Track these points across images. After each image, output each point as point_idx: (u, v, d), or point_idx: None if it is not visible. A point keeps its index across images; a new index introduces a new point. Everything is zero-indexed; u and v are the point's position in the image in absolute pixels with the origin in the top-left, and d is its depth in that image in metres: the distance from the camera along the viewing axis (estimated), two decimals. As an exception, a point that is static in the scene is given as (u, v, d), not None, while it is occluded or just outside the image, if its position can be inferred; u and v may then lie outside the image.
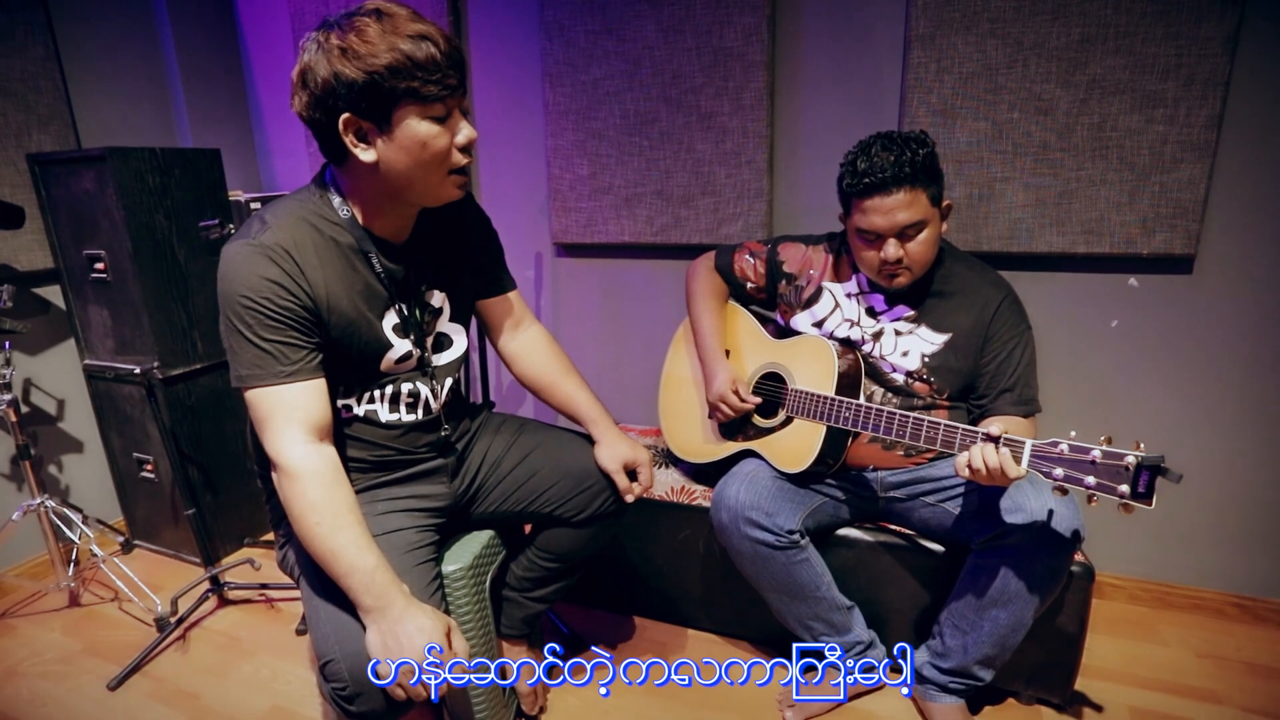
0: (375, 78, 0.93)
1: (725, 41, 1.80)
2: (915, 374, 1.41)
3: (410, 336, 1.16)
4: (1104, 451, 1.02)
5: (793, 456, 1.44)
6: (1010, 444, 1.11)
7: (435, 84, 0.96)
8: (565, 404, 1.37)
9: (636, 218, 2.04)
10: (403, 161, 1.00)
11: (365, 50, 0.93)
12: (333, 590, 0.99)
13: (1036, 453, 1.09)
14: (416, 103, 0.96)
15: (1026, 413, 1.36)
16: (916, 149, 1.26)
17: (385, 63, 0.93)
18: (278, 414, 1.00)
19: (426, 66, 0.95)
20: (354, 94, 0.94)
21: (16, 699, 1.65)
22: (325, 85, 0.95)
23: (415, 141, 0.98)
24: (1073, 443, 1.06)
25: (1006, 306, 1.38)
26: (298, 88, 0.99)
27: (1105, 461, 1.02)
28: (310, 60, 0.96)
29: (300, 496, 0.98)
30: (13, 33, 1.94)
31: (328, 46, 0.95)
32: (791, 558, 1.41)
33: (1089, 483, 1.03)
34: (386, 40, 0.93)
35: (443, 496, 1.25)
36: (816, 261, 1.53)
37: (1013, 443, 1.11)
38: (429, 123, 0.98)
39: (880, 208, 1.28)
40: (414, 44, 0.94)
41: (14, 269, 1.99)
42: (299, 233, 1.03)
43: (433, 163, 1.01)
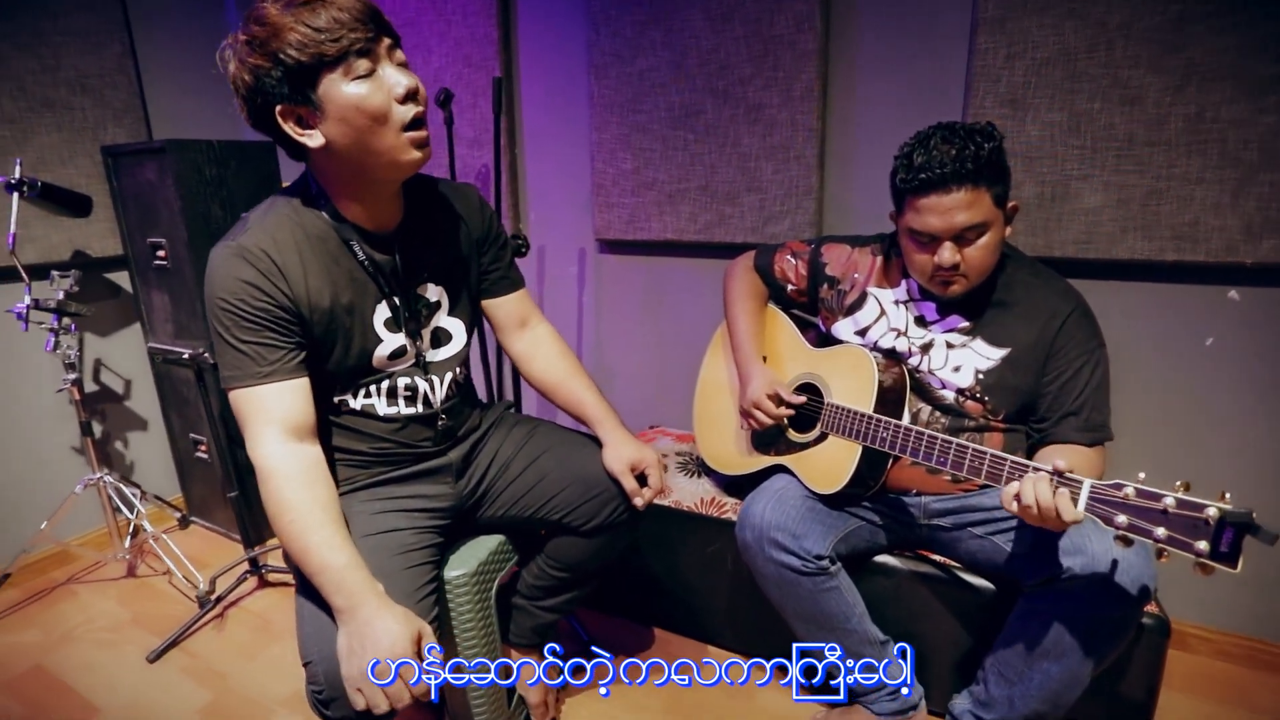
0: (284, 58, 0.90)
1: (775, 29, 1.70)
2: (967, 392, 1.28)
3: (404, 331, 1.13)
4: (1179, 500, 0.88)
5: (826, 476, 1.34)
6: (1066, 482, 0.98)
7: (342, 41, 0.90)
8: (572, 405, 1.32)
9: (679, 214, 1.96)
10: (346, 134, 0.95)
11: (266, 34, 0.90)
12: (315, 591, 0.97)
13: (1097, 495, 0.95)
14: (333, 68, 0.91)
15: (1093, 440, 1.20)
16: (982, 142, 1.13)
17: (288, 40, 0.89)
18: (256, 414, 0.98)
19: (328, 29, 0.90)
20: (275, 83, 0.91)
21: (67, 663, 1.74)
22: (249, 85, 0.93)
23: (348, 106, 0.93)
24: (1141, 486, 0.91)
25: (1075, 320, 1.23)
26: (236, 99, 0.96)
27: (1180, 512, 0.87)
28: (231, 68, 0.94)
29: (275, 495, 0.96)
30: (94, 32, 2.05)
31: (237, 46, 0.93)
32: (819, 585, 1.31)
33: (1158, 535, 0.89)
34: (283, 18, 0.90)
35: (447, 497, 1.22)
36: (862, 264, 1.41)
37: (1069, 481, 0.98)
38: (354, 82, 0.92)
39: (937, 207, 1.15)
40: (311, 12, 0.90)
41: (88, 254, 2.10)
42: (280, 231, 1.01)
43: (375, 125, 0.94)
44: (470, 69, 2.20)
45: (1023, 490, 1.00)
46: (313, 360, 1.05)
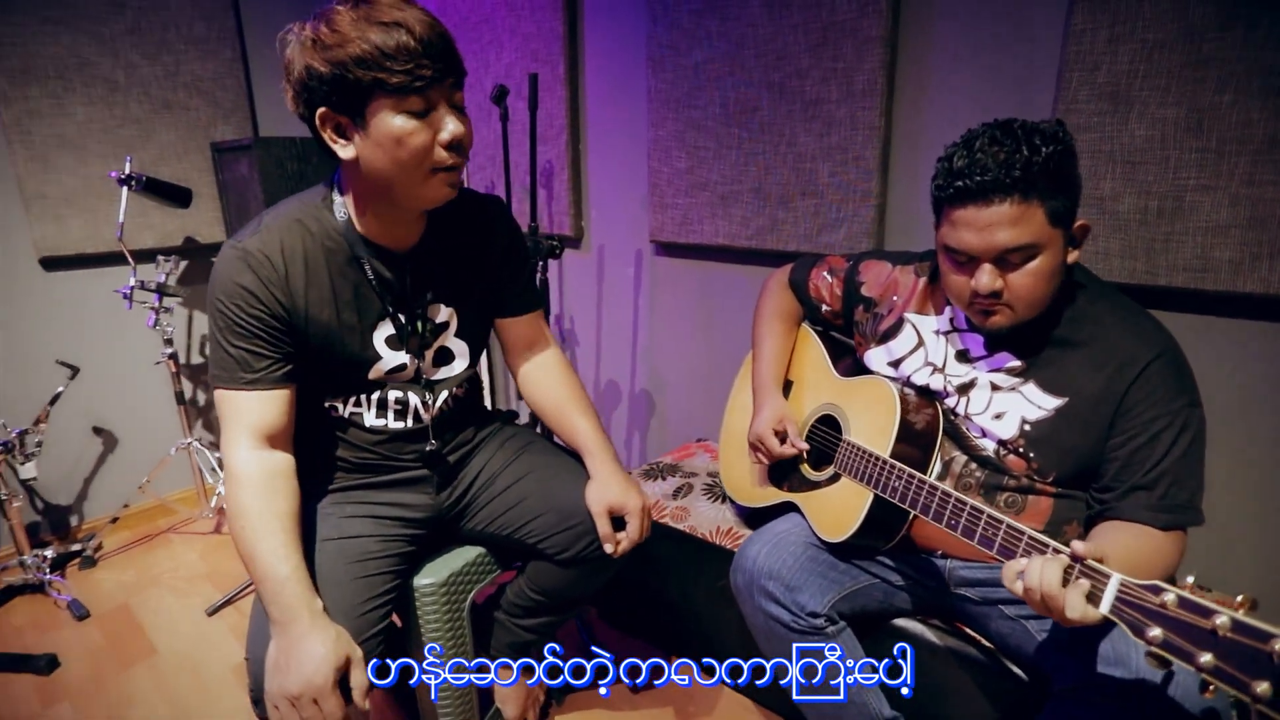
0: (342, 69, 0.88)
1: (837, 14, 1.52)
2: (1010, 444, 1.07)
3: (406, 349, 1.11)
4: (1235, 622, 0.66)
5: (834, 522, 1.18)
6: (1089, 573, 0.78)
7: (405, 74, 0.88)
8: (567, 433, 1.25)
9: (731, 218, 1.83)
10: (380, 159, 0.94)
11: (333, 40, 0.88)
12: None
13: (1127, 596, 0.74)
14: (388, 95, 0.89)
15: (1169, 524, 0.96)
16: (1039, 146, 0.92)
17: (352, 53, 0.87)
18: (232, 418, 1.00)
19: (395, 56, 0.87)
20: (326, 87, 0.90)
21: (145, 606, 1.95)
22: (300, 80, 0.92)
23: (390, 137, 0.91)
24: (1185, 595, 0.70)
25: (1158, 370, 0.98)
26: (285, 83, 0.97)
27: (1236, 637, 0.66)
28: (289, 54, 0.94)
29: (234, 499, 0.98)
30: (209, 39, 2.25)
31: (302, 38, 0.92)
32: (812, 644, 1.16)
33: (1202, 662, 0.68)
34: (356, 29, 0.88)
35: (426, 508, 1.20)
36: (903, 286, 1.23)
37: (1091, 572, 0.78)
38: (404, 117, 0.91)
39: (975, 221, 0.96)
40: (384, 32, 0.87)
41: (197, 240, 2.33)
42: (290, 236, 1.01)
43: (411, 161, 0.93)
44: (537, 64, 2.18)
45: (1029, 570, 0.81)
46: (306, 366, 1.05)
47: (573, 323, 2.45)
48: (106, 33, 2.04)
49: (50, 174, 2.01)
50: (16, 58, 1.92)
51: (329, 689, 0.89)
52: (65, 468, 2.19)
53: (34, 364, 2.05)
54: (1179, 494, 0.97)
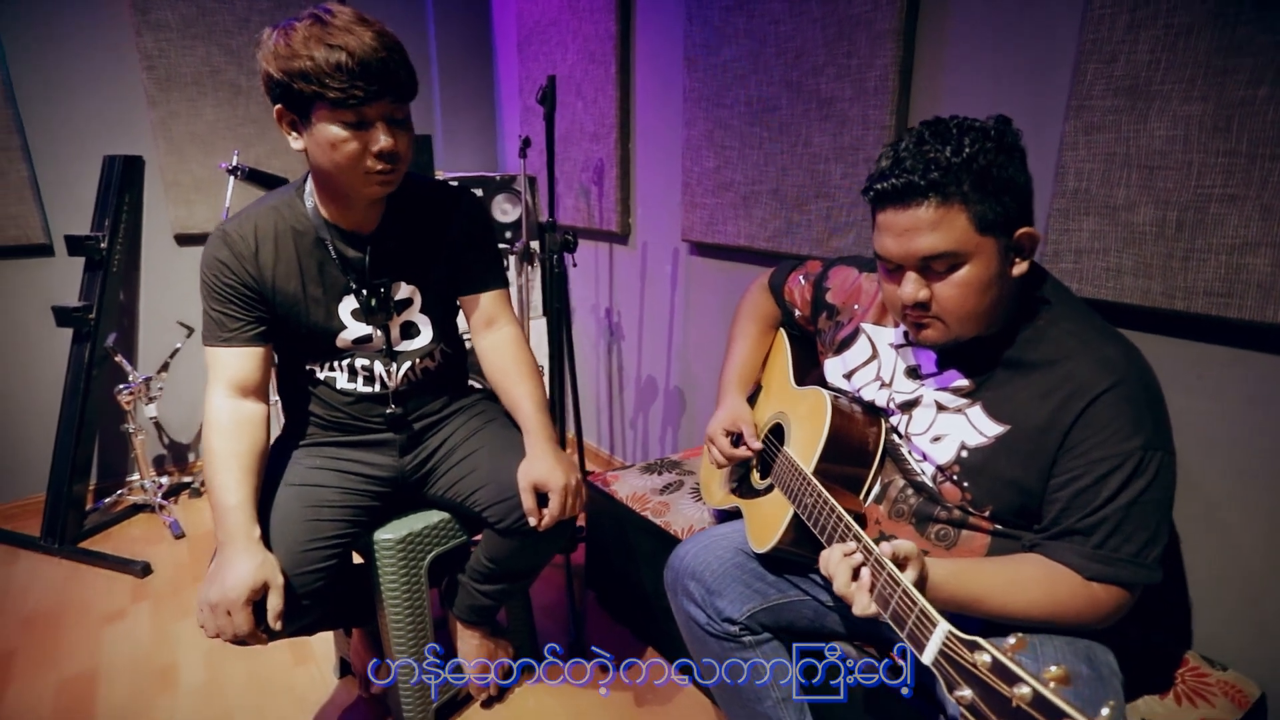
0: (289, 79, 1.00)
1: (853, 7, 1.45)
2: (946, 470, 0.99)
3: (369, 322, 1.23)
4: (1035, 696, 0.58)
5: (759, 533, 1.15)
6: (879, 571, 0.72)
7: (340, 90, 0.99)
8: (512, 410, 1.33)
9: (752, 219, 1.80)
10: (321, 157, 1.06)
11: (286, 53, 1.00)
12: None
13: (950, 649, 0.68)
14: (326, 106, 1.01)
15: (1099, 575, 0.85)
16: (966, 144, 0.84)
17: (297, 67, 0.99)
18: (213, 370, 1.17)
19: (333, 74, 0.98)
20: (279, 90, 1.03)
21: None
22: (263, 79, 1.06)
23: (326, 141, 1.03)
24: (999, 657, 0.63)
25: (1111, 403, 0.86)
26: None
27: (1031, 712, 0.58)
28: (259, 55, 1.08)
29: (206, 439, 1.15)
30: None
31: (267, 45, 1.05)
32: (727, 650, 1.14)
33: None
34: (305, 46, 0.99)
35: (389, 469, 1.32)
36: (865, 294, 1.16)
37: (905, 599, 0.71)
38: (339, 126, 1.02)
39: (893, 225, 0.90)
40: (328, 51, 0.98)
41: (301, 225, 2.66)
42: (264, 220, 1.17)
43: (345, 164, 1.05)
44: (593, 64, 2.26)
45: (830, 554, 0.78)
46: (280, 330, 1.21)
47: (619, 316, 2.51)
48: (234, 44, 2.39)
49: (184, 165, 2.39)
50: (163, 68, 2.30)
51: (240, 604, 1.03)
52: (184, 412, 2.59)
53: (164, 323, 2.45)
54: (1122, 545, 0.85)
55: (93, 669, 1.66)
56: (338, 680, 1.61)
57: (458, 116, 2.91)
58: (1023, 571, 0.87)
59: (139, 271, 2.43)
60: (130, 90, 2.31)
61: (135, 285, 2.44)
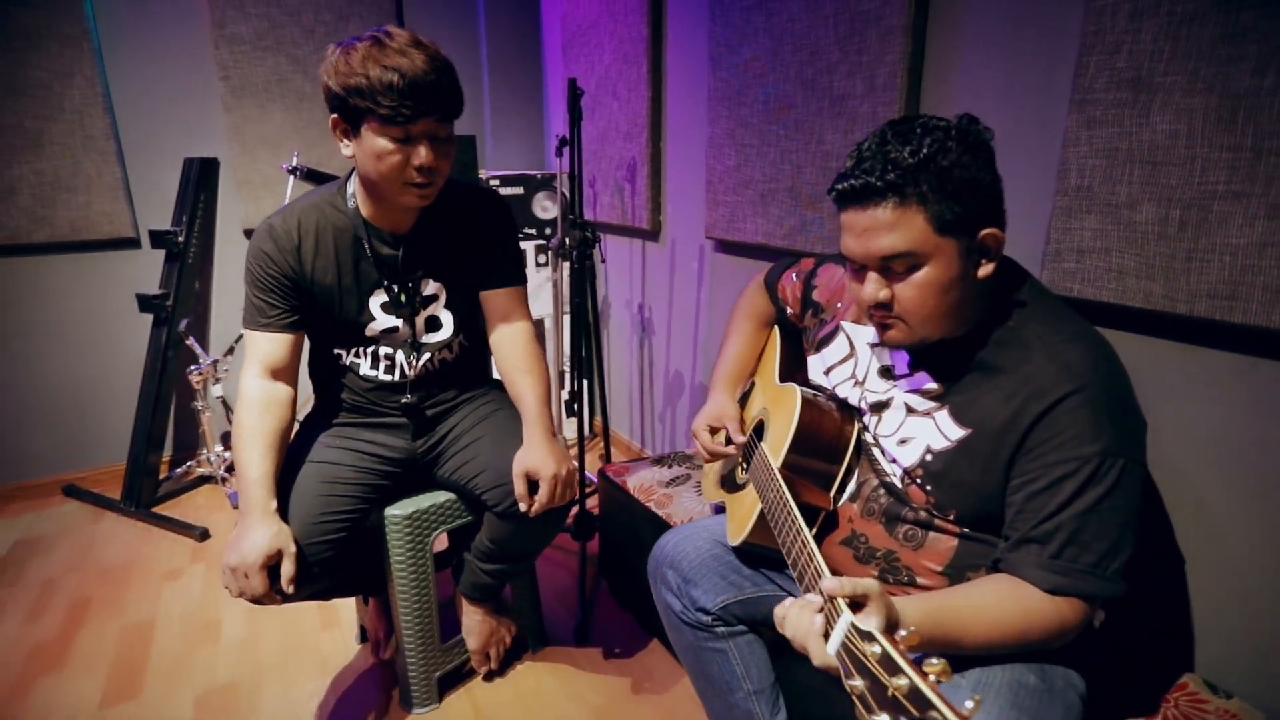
0: (344, 93, 1.10)
1: (865, 3, 1.43)
2: (911, 473, 0.98)
3: (397, 315, 1.33)
4: (911, 688, 0.59)
5: (733, 526, 1.17)
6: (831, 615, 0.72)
7: (390, 108, 1.08)
8: (516, 401, 1.40)
9: (769, 217, 1.80)
10: (366, 165, 1.16)
11: (345, 70, 1.10)
12: None
13: (851, 641, 0.68)
14: (375, 120, 1.11)
15: (1057, 587, 0.82)
16: (926, 144, 0.84)
17: (353, 84, 1.09)
18: (249, 351, 1.28)
19: (385, 93, 1.07)
20: (336, 101, 1.13)
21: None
22: (324, 90, 1.16)
23: (372, 152, 1.13)
24: (887, 648, 0.63)
25: (1072, 407, 0.84)
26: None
27: (905, 704, 0.59)
28: (321, 68, 1.19)
29: (237, 415, 1.27)
30: (378, 53, 2.71)
31: (329, 60, 1.14)
32: (700, 640, 1.17)
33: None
34: (364, 65, 1.08)
35: (402, 450, 1.41)
36: (849, 292, 1.16)
37: (831, 612, 0.72)
38: (385, 139, 1.12)
39: (854, 225, 0.90)
40: (382, 71, 1.07)
41: (357, 221, 2.83)
42: (307, 215, 1.27)
43: (388, 174, 1.15)
44: (627, 65, 2.31)
45: (788, 615, 0.77)
46: (314, 318, 1.32)
47: (650, 312, 2.55)
48: (300, 54, 2.57)
49: (253, 165, 2.60)
50: (237, 77, 2.51)
51: (256, 568, 1.14)
52: (251, 393, 2.81)
53: (232, 310, 2.66)
54: (1079, 555, 0.83)
55: (151, 619, 1.85)
56: (359, 646, 1.73)
57: (505, 116, 3.02)
58: (989, 595, 0.85)
59: (212, 263, 2.67)
60: (208, 98, 2.53)
61: (209, 275, 2.68)
